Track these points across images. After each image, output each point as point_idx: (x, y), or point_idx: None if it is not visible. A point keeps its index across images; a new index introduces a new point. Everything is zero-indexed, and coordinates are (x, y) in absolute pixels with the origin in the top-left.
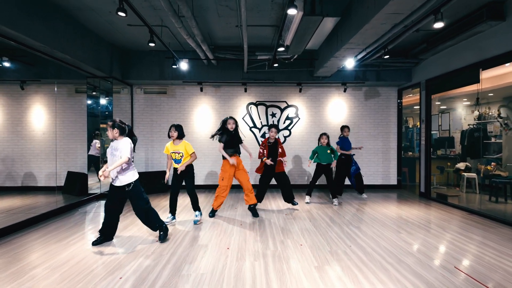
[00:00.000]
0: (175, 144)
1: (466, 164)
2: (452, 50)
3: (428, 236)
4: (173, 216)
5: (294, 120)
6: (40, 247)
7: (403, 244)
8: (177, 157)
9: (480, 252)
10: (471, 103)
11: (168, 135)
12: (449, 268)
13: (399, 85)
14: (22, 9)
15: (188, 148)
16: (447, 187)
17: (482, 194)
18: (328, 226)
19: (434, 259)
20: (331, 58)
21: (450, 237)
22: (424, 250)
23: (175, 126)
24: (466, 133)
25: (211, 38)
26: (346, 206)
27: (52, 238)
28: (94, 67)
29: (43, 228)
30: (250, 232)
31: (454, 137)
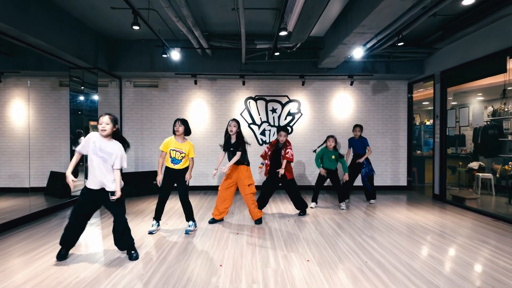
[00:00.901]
0: (178, 142)
1: (480, 164)
2: (473, 37)
3: (456, 249)
4: (157, 222)
5: (296, 116)
6: (3, 260)
7: (429, 260)
8: (177, 156)
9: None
10: (486, 98)
11: (173, 132)
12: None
13: (410, 78)
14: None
15: (191, 150)
16: (459, 188)
17: (499, 196)
18: (337, 235)
19: (472, 280)
20: (339, 46)
21: (482, 250)
22: (456, 269)
23: (181, 120)
24: (480, 130)
25: (205, 23)
26: (354, 210)
27: (17, 250)
28: (76, 56)
29: (11, 236)
30: (247, 244)
31: (465, 135)
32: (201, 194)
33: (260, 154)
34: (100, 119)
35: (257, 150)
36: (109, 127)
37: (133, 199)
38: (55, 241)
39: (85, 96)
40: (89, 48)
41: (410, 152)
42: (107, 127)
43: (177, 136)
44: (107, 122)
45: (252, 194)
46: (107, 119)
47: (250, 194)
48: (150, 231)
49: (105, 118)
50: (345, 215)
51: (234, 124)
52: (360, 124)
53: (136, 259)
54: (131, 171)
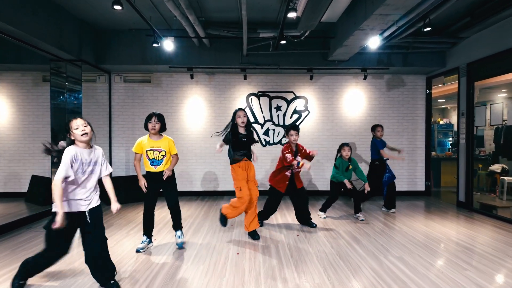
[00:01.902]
0: (154, 139)
1: (503, 166)
2: (508, 23)
3: (501, 272)
4: (149, 238)
5: (303, 114)
6: None
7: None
8: (157, 156)
9: None
10: (510, 94)
11: (145, 127)
12: None
13: (429, 72)
14: None
15: (172, 146)
16: (480, 192)
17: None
18: (358, 255)
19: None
20: (355, 32)
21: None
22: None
23: (157, 115)
24: (502, 130)
25: (202, 9)
26: (373, 221)
27: None
28: (55, 46)
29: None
30: (250, 269)
31: (483, 135)
32: (198, 200)
33: (264, 156)
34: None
35: (260, 152)
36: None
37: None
38: (16, 264)
39: (68, 92)
40: (71, 37)
41: (429, 154)
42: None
43: (152, 134)
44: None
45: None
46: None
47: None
48: (138, 249)
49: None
50: (362, 228)
51: (244, 114)
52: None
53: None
54: (120, 175)
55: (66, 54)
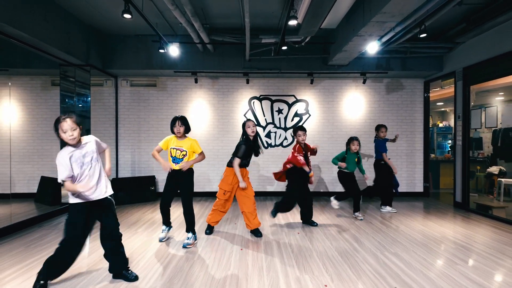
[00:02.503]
0: (179, 140)
1: (500, 168)
2: (504, 28)
3: (499, 271)
4: (168, 226)
5: (303, 117)
6: None
7: (469, 285)
8: (178, 155)
9: None
10: (508, 97)
11: (171, 130)
12: None
13: (427, 76)
14: None
15: (195, 146)
16: (478, 194)
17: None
18: (356, 251)
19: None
20: (354, 38)
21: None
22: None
23: (180, 119)
24: (500, 132)
25: (206, 16)
26: (371, 220)
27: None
28: (64, 51)
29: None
30: (253, 263)
31: (482, 137)
32: (201, 201)
33: (265, 157)
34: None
35: (263, 154)
36: (75, 132)
37: (127, 207)
38: (31, 259)
39: (76, 96)
40: (79, 42)
41: (427, 156)
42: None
43: (178, 136)
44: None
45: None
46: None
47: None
48: (160, 239)
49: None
50: (361, 227)
51: (254, 124)
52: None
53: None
54: (126, 176)
55: (74, 59)
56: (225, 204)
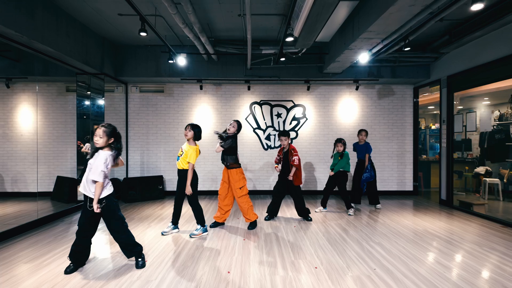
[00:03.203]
0: (187, 142)
1: (487, 168)
2: (481, 41)
3: (465, 256)
4: (174, 225)
5: (301, 121)
6: (6, 270)
7: (437, 267)
8: (179, 154)
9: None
10: (492, 102)
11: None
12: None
13: (416, 83)
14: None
15: (189, 152)
16: (466, 193)
17: (507, 202)
18: (345, 241)
19: (478, 286)
20: (345, 51)
21: (492, 258)
22: (465, 276)
23: (191, 125)
24: (486, 135)
25: (211, 29)
26: (361, 216)
27: (24, 257)
28: (82, 62)
29: (18, 242)
30: (254, 250)
31: (471, 139)
32: (206, 198)
33: (266, 158)
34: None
35: (262, 154)
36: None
37: (137, 205)
38: (62, 247)
39: (91, 102)
40: (95, 53)
41: (416, 157)
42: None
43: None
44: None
45: (245, 195)
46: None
47: (243, 196)
48: (162, 232)
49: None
50: (351, 221)
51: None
52: (366, 129)
53: (143, 267)
54: (136, 176)
55: (90, 69)
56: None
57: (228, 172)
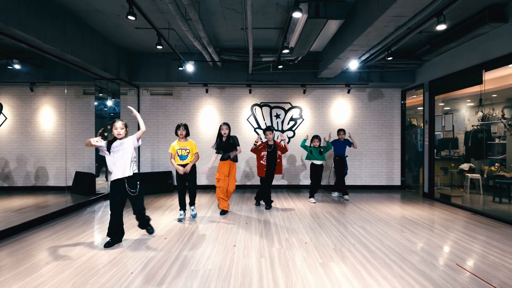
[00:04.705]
0: (182, 142)
1: (470, 165)
2: (456, 51)
3: (431, 235)
4: (184, 212)
5: (298, 121)
6: (51, 245)
7: (406, 243)
8: (183, 153)
9: (484, 251)
10: (475, 104)
11: (175, 133)
12: (453, 266)
13: (403, 86)
14: (30, 11)
15: (194, 146)
16: (451, 188)
17: (486, 195)
18: (332, 225)
19: (438, 257)
20: (335, 60)
21: (454, 237)
22: (427, 249)
23: (184, 125)
24: (470, 134)
25: (217, 40)
26: (350, 206)
27: (62, 236)
28: (101, 69)
29: (53, 226)
30: (255, 231)
31: (458, 138)
32: (211, 193)
33: None
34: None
35: None
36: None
37: (150, 197)
38: (91, 230)
39: (108, 104)
40: (112, 61)
41: (403, 154)
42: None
43: (181, 138)
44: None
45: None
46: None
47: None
48: (179, 219)
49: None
50: (340, 209)
51: (226, 127)
52: (343, 129)
53: (153, 231)
54: (147, 171)
55: (108, 74)
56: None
57: (232, 165)
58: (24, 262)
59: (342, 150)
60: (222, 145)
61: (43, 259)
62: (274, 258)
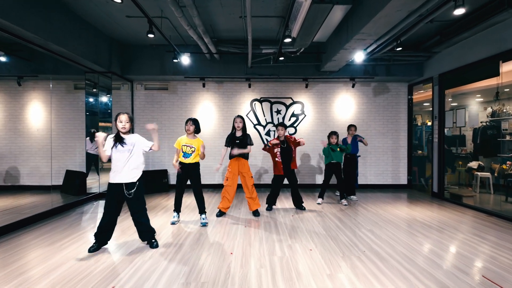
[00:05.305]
0: (189, 138)
1: (479, 163)
2: (469, 42)
3: (447, 240)
4: (178, 214)
5: (299, 117)
6: (33, 250)
7: (420, 248)
8: (188, 150)
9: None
10: (485, 99)
11: (185, 130)
12: (480, 279)
13: (410, 81)
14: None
15: (200, 146)
16: (459, 186)
17: (497, 195)
18: (338, 228)
19: (459, 267)
20: (340, 51)
21: (473, 242)
22: (443, 254)
23: (192, 120)
24: (479, 130)
25: (214, 30)
26: (355, 206)
27: (46, 240)
28: (92, 61)
29: (38, 229)
30: (255, 235)
31: (465, 135)
32: (208, 192)
33: (265, 153)
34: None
35: (263, 150)
36: (127, 125)
37: (144, 197)
38: (78, 233)
39: (99, 99)
40: (104, 53)
41: (410, 152)
42: (126, 125)
43: (188, 134)
44: (120, 122)
45: (253, 185)
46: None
47: (253, 185)
48: (172, 222)
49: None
50: (346, 211)
51: (240, 120)
52: (354, 124)
53: (157, 247)
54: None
55: (99, 67)
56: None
57: (243, 163)
58: (3, 268)
59: (353, 148)
60: (234, 140)
61: (23, 266)
62: (276, 268)
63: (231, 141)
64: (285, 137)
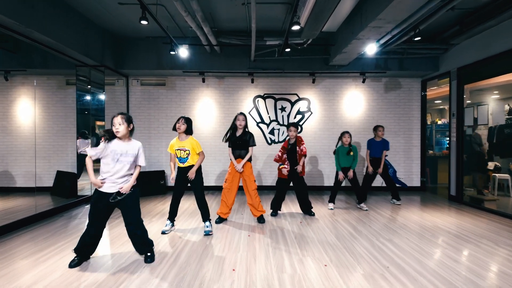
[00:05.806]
0: (181, 140)
1: (495, 164)
2: (492, 32)
3: (478, 252)
4: (171, 222)
5: (306, 115)
6: (5, 264)
7: (453, 265)
8: (182, 155)
9: None
10: (501, 96)
11: (173, 128)
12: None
13: (423, 76)
14: None
15: (195, 145)
16: (474, 188)
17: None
18: (353, 237)
19: (497, 283)
20: (352, 41)
21: (503, 252)
22: (481, 272)
23: (184, 118)
24: (495, 129)
25: (214, 19)
26: (368, 212)
27: (23, 251)
28: (82, 53)
29: (19, 236)
30: (260, 246)
31: (480, 135)
32: (208, 194)
33: (269, 153)
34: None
35: (266, 150)
36: (122, 127)
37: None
38: (61, 242)
39: (92, 95)
40: (95, 45)
41: (424, 152)
42: (121, 128)
43: (179, 134)
44: (114, 124)
45: (256, 189)
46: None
47: (255, 190)
48: (163, 231)
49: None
50: (359, 217)
51: (243, 118)
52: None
53: (152, 261)
54: None
55: (90, 60)
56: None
57: (244, 165)
58: None
59: (378, 151)
60: (234, 140)
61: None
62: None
63: (232, 142)
64: (296, 138)
